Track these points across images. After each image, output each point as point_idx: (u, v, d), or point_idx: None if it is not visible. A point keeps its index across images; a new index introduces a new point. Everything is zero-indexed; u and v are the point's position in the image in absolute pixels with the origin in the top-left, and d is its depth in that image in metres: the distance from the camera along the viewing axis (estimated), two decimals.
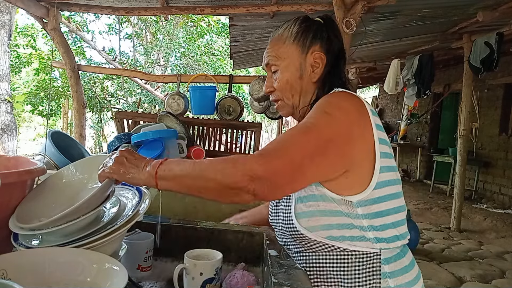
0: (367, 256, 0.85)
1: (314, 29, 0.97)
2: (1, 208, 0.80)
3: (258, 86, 3.66)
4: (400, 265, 0.88)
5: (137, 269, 1.02)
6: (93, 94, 10.24)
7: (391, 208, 0.87)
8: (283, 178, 0.76)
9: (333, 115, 0.83)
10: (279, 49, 0.98)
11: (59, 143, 1.96)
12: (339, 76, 0.97)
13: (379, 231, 0.85)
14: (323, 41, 0.96)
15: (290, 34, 0.97)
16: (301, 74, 0.96)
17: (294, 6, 3.56)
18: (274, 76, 0.99)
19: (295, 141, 0.79)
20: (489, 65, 4.39)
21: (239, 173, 0.73)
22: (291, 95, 0.98)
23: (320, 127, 0.81)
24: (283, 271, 0.82)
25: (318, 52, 0.95)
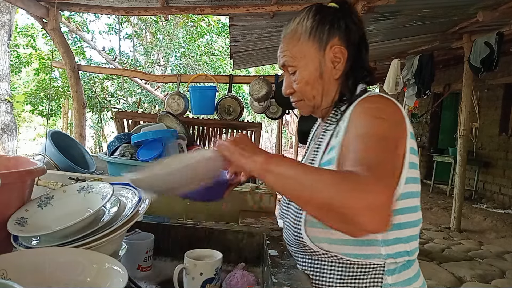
0: (370, 267, 0.81)
1: (330, 19, 0.86)
2: (1, 208, 0.80)
3: (258, 86, 3.66)
4: (404, 277, 0.82)
5: (137, 269, 1.03)
6: (93, 94, 10.24)
7: (408, 222, 0.81)
8: (390, 203, 0.63)
9: (387, 120, 0.76)
10: (294, 47, 0.89)
11: (59, 143, 1.96)
12: (363, 67, 0.89)
13: (391, 246, 0.80)
14: (341, 32, 0.86)
15: (305, 30, 0.88)
16: (321, 73, 0.87)
17: (294, 6, 3.55)
18: (292, 77, 0.91)
19: (382, 152, 0.71)
20: (489, 65, 4.39)
21: (358, 200, 0.60)
22: (312, 96, 0.90)
23: (383, 133, 0.74)
24: (283, 271, 0.82)
25: (338, 46, 0.86)
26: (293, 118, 13.47)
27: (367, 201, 0.59)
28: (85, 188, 0.96)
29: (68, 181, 1.25)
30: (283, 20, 4.17)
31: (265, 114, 4.07)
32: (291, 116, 13.04)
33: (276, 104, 3.90)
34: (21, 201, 0.87)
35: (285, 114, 4.33)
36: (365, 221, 0.59)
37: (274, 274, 0.80)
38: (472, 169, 6.99)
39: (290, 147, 19.33)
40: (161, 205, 1.43)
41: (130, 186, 0.98)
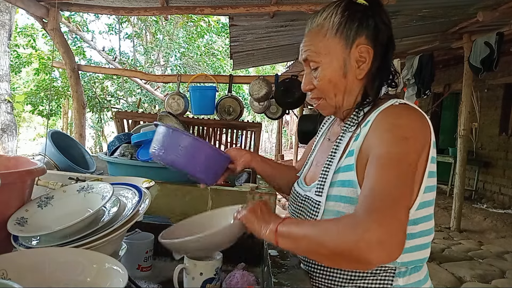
0: (381, 269, 0.81)
1: (359, 17, 0.83)
2: (1, 208, 0.80)
3: (258, 86, 3.66)
4: (415, 279, 0.83)
5: (137, 269, 1.03)
6: (93, 94, 10.24)
7: (423, 230, 0.81)
8: (399, 237, 0.66)
9: (409, 139, 0.74)
10: (319, 43, 0.85)
11: (59, 143, 1.96)
12: (388, 69, 0.86)
13: (405, 254, 0.80)
14: (369, 30, 0.83)
15: (332, 25, 0.84)
16: (345, 72, 0.84)
17: (294, 6, 3.55)
18: (313, 73, 0.87)
19: (395, 188, 0.69)
20: (489, 65, 4.39)
21: (354, 240, 0.64)
22: (333, 94, 0.87)
23: (405, 157, 0.73)
24: (283, 271, 0.82)
25: (365, 46, 0.83)
26: (293, 118, 13.47)
27: (369, 241, 0.62)
28: (85, 188, 0.96)
29: (68, 181, 1.25)
30: (283, 20, 4.17)
31: (265, 114, 4.07)
32: (291, 116, 13.04)
33: (276, 104, 3.90)
34: (21, 201, 0.87)
35: (285, 114, 4.33)
36: (373, 257, 0.63)
37: (274, 274, 0.80)
38: (472, 169, 6.99)
39: (290, 147, 19.33)
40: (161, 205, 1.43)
41: (130, 186, 0.98)
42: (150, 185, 1.23)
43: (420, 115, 0.79)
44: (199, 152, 0.95)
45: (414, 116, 0.79)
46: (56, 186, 1.06)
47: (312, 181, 0.93)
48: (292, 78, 3.75)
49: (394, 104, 0.81)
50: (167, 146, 0.95)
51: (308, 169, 1.01)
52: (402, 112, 0.79)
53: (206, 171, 0.98)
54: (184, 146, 0.94)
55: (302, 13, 3.65)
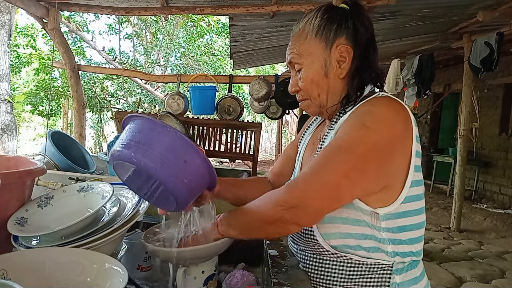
0: (379, 266, 0.83)
1: (338, 19, 0.87)
2: (1, 208, 0.80)
3: (258, 86, 3.66)
4: (411, 276, 0.85)
5: (137, 269, 1.02)
6: (93, 94, 10.24)
7: (413, 224, 0.84)
8: (317, 202, 0.75)
9: (371, 128, 0.77)
10: (301, 45, 0.89)
11: (59, 143, 1.96)
12: (370, 68, 0.88)
13: (397, 245, 0.83)
14: (348, 31, 0.86)
15: (312, 28, 0.88)
16: (326, 71, 0.88)
17: (294, 6, 3.56)
18: (298, 75, 0.91)
19: (329, 162, 0.76)
20: (489, 65, 4.39)
21: (272, 206, 0.76)
22: (317, 94, 0.90)
23: (354, 144, 0.77)
24: (283, 271, 0.82)
25: (344, 45, 0.86)
26: (293, 118, 13.47)
27: (275, 204, 0.76)
28: (85, 188, 0.96)
29: (68, 181, 1.25)
30: (283, 20, 4.17)
31: (265, 114, 4.07)
32: (291, 116, 13.05)
33: (276, 104, 3.90)
34: (21, 201, 0.87)
35: (285, 114, 4.33)
36: (282, 217, 0.75)
37: (274, 274, 0.80)
38: (472, 169, 6.99)
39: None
40: None
41: None
42: None
43: (400, 107, 0.81)
44: (193, 161, 0.73)
45: (392, 106, 0.81)
46: (56, 186, 1.06)
47: None
48: None
49: (377, 96, 0.84)
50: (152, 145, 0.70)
51: (298, 172, 1.02)
52: (380, 101, 0.82)
53: (190, 187, 0.74)
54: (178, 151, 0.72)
55: (302, 13, 3.63)
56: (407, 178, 0.80)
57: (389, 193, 0.81)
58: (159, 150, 0.70)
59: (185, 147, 0.72)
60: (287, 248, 1.00)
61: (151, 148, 0.69)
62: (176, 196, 0.72)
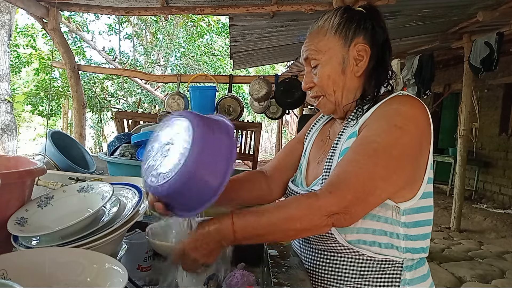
0: (390, 263, 0.84)
1: (357, 19, 0.89)
2: (1, 208, 0.80)
3: (258, 86, 3.66)
4: (420, 273, 0.87)
5: (137, 269, 1.02)
6: (93, 94, 10.24)
7: (426, 220, 0.87)
8: (358, 207, 0.76)
9: (403, 129, 0.79)
10: (320, 42, 0.90)
11: (59, 143, 1.96)
12: (386, 69, 0.91)
13: (410, 241, 0.85)
14: (367, 32, 0.88)
15: (331, 26, 0.90)
16: (343, 68, 0.89)
17: (294, 6, 3.56)
18: (313, 71, 0.92)
19: (362, 168, 0.76)
20: (489, 65, 4.38)
21: (316, 217, 0.75)
22: (333, 91, 0.90)
23: (388, 146, 0.78)
24: (283, 271, 0.82)
25: (362, 44, 0.88)
26: (293, 118, 13.47)
27: (321, 214, 0.74)
28: (85, 188, 0.95)
29: (68, 181, 1.25)
30: (283, 20, 4.17)
31: (265, 114, 4.07)
32: (291, 116, 13.05)
33: (276, 104, 3.90)
34: (21, 201, 0.87)
35: (285, 114, 4.33)
36: (327, 225, 0.75)
37: (274, 274, 0.80)
38: (472, 169, 6.99)
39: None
40: None
41: (130, 186, 0.98)
42: None
43: (423, 106, 0.83)
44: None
45: (417, 105, 0.83)
46: (56, 186, 1.06)
47: (314, 179, 0.94)
48: (292, 78, 3.75)
49: (399, 95, 0.87)
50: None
51: (305, 169, 1.01)
52: (405, 100, 0.84)
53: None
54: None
55: (302, 13, 3.65)
56: (425, 174, 0.84)
57: (411, 188, 0.83)
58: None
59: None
60: (287, 248, 1.00)
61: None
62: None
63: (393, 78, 0.92)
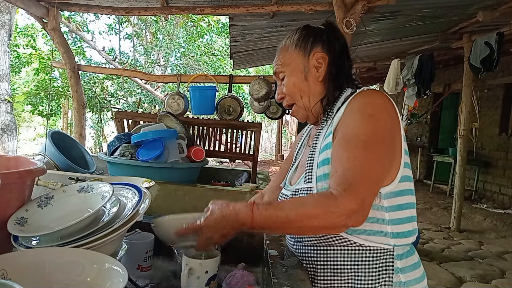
0: (382, 251, 0.89)
1: (314, 33, 1.02)
2: (1, 208, 0.80)
3: (258, 86, 3.66)
4: (411, 262, 0.92)
5: (137, 269, 1.03)
6: (93, 94, 10.24)
7: (409, 203, 0.92)
8: (371, 198, 0.82)
9: (377, 116, 0.87)
10: (284, 57, 1.03)
11: (59, 143, 1.97)
12: (345, 73, 1.01)
13: (396, 225, 0.89)
14: (324, 43, 1.00)
15: (292, 42, 1.03)
16: (306, 75, 1.00)
17: (294, 6, 3.55)
18: (282, 83, 1.04)
19: (363, 161, 0.82)
20: (489, 65, 4.39)
21: (335, 216, 0.77)
22: (300, 97, 1.01)
23: (372, 134, 0.85)
24: (283, 271, 0.82)
25: (320, 53, 0.99)
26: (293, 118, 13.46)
27: (340, 213, 0.77)
28: (85, 188, 0.95)
29: (68, 181, 1.25)
30: (283, 20, 4.17)
31: (265, 114, 4.06)
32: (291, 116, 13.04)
33: (276, 104, 3.89)
34: (21, 201, 0.87)
35: (285, 114, 4.32)
36: (345, 224, 0.79)
37: (274, 274, 0.80)
38: (472, 169, 6.99)
39: (290, 147, 19.30)
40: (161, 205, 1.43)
41: (130, 186, 0.98)
42: (150, 185, 1.23)
43: (386, 97, 0.92)
44: None
45: (382, 96, 0.91)
46: (56, 186, 1.06)
47: (298, 179, 1.01)
48: None
49: (364, 89, 0.95)
50: None
51: (292, 173, 1.09)
52: (369, 93, 0.93)
53: None
54: None
55: (302, 13, 3.65)
56: (401, 159, 0.91)
57: (389, 173, 0.89)
58: None
59: None
60: (287, 248, 1.00)
61: None
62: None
63: (357, 80, 1.02)
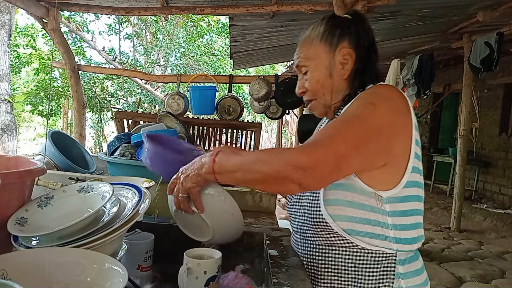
0: (384, 256, 0.87)
1: (341, 26, 0.96)
2: (1, 208, 0.80)
3: (258, 86, 3.66)
4: (413, 267, 0.90)
5: (137, 269, 1.02)
6: (93, 94, 10.23)
7: (414, 209, 0.89)
8: (326, 167, 0.77)
9: (378, 106, 0.84)
10: (308, 50, 0.98)
11: (59, 143, 1.96)
12: (372, 71, 0.96)
13: (399, 231, 0.87)
14: (351, 36, 0.95)
15: (317, 34, 0.97)
16: (330, 72, 0.95)
17: (294, 6, 3.55)
18: (304, 77, 0.99)
19: (338, 131, 0.80)
20: (489, 65, 4.39)
21: (282, 163, 0.75)
22: (322, 94, 0.97)
23: (363, 117, 0.82)
24: (283, 271, 0.82)
25: (347, 49, 0.94)
26: (293, 118, 13.47)
27: (286, 161, 0.75)
28: (85, 188, 0.95)
29: (68, 181, 1.25)
30: (283, 20, 4.17)
31: (265, 114, 4.06)
32: (291, 116, 13.05)
33: (276, 104, 3.90)
34: (21, 201, 0.87)
35: (285, 114, 4.32)
36: (290, 175, 0.74)
37: (274, 274, 0.80)
38: (472, 169, 6.99)
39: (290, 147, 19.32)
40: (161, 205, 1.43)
41: (130, 186, 0.98)
42: (150, 185, 1.23)
43: (401, 94, 0.88)
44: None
45: (393, 90, 0.89)
46: (56, 186, 1.06)
47: None
48: (292, 78, 3.75)
49: (377, 84, 0.93)
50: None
51: None
52: (382, 86, 0.91)
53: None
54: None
55: (302, 13, 3.65)
56: (408, 163, 0.86)
57: (390, 174, 0.86)
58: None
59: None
60: (287, 248, 1.00)
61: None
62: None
63: (379, 78, 0.96)
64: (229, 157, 0.83)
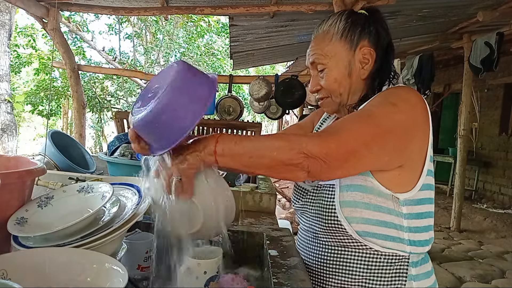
0: (397, 258, 0.86)
1: (362, 23, 0.92)
2: (1, 208, 0.80)
3: (258, 86, 3.66)
4: (424, 269, 0.90)
5: (137, 269, 1.02)
6: (93, 94, 10.23)
7: (428, 212, 0.89)
8: (336, 161, 0.76)
9: (398, 106, 0.82)
10: (326, 46, 0.93)
11: (59, 143, 1.96)
12: (389, 71, 0.94)
13: (414, 233, 0.86)
14: (371, 35, 0.92)
15: (337, 30, 0.92)
16: (350, 71, 0.92)
17: (294, 6, 3.55)
18: (320, 74, 0.95)
19: (352, 127, 0.79)
20: (489, 65, 4.38)
21: (294, 151, 0.73)
22: (339, 93, 0.93)
23: (380, 117, 0.80)
24: (283, 271, 0.82)
25: (367, 48, 0.91)
26: (293, 118, 13.47)
27: (299, 148, 0.72)
28: (85, 188, 0.95)
29: (68, 181, 1.25)
30: (283, 20, 4.17)
31: (265, 114, 4.07)
32: (291, 116, 13.05)
33: (276, 104, 3.90)
34: (21, 201, 0.87)
35: (285, 114, 4.33)
36: (301, 163, 0.72)
37: (274, 274, 0.80)
38: (472, 169, 6.99)
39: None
40: None
41: (130, 186, 0.98)
42: None
43: (421, 96, 0.87)
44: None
45: (414, 92, 0.87)
46: (56, 186, 1.06)
47: None
48: (292, 78, 3.75)
49: (398, 85, 0.92)
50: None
51: None
52: (401, 87, 0.89)
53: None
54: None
55: (302, 13, 3.65)
56: (424, 166, 0.86)
57: (405, 176, 0.85)
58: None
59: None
60: (287, 248, 0.99)
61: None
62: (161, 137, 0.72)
63: (395, 78, 0.95)
64: (235, 139, 0.76)
